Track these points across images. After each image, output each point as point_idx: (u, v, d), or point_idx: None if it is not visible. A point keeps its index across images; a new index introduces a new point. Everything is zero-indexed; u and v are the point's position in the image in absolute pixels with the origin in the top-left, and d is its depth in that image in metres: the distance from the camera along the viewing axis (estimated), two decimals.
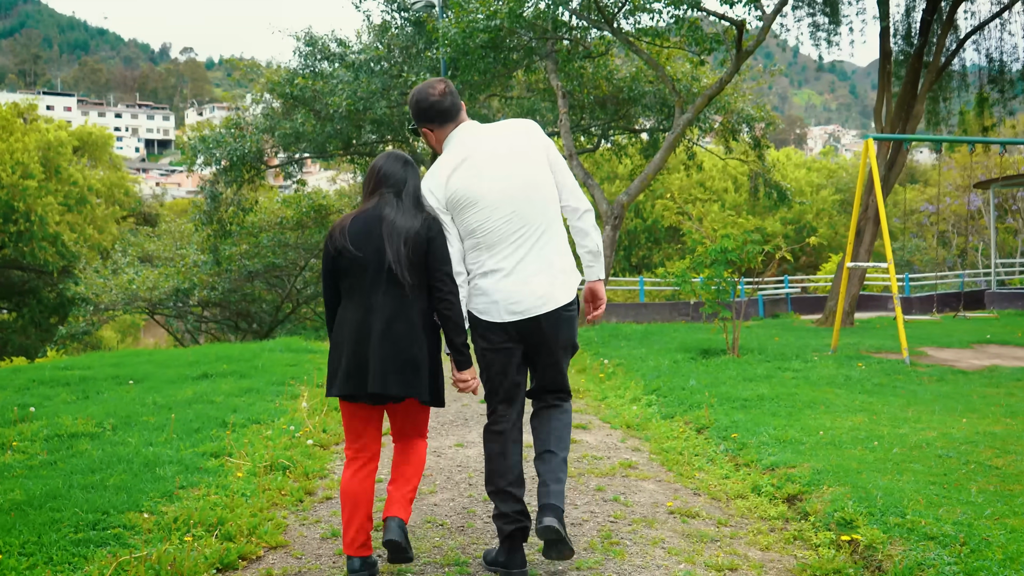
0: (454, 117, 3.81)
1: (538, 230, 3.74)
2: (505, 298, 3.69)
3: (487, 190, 3.67)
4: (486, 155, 3.73)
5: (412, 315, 3.65)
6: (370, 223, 3.67)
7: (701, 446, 6.37)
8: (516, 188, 3.70)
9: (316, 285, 25.12)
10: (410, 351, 3.61)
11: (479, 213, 3.68)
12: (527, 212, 3.71)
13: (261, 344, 12.35)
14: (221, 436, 6.46)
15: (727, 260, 10.68)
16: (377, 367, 3.57)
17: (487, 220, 3.68)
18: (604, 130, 22.13)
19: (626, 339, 12.73)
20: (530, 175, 3.75)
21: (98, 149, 32.85)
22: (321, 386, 8.98)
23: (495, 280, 3.70)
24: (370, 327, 3.61)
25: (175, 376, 9.61)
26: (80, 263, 24.88)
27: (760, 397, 7.88)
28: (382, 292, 3.63)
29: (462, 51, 15.55)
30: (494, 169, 3.71)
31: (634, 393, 8.73)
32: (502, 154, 3.75)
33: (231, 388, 8.62)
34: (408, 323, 3.63)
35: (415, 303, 3.67)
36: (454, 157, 3.74)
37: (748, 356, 10.55)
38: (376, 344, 3.59)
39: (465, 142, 3.77)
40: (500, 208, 3.67)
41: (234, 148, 17.82)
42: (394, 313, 3.63)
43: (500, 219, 3.68)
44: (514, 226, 3.69)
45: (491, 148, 3.75)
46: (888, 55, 15.07)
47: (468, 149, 3.74)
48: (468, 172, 3.69)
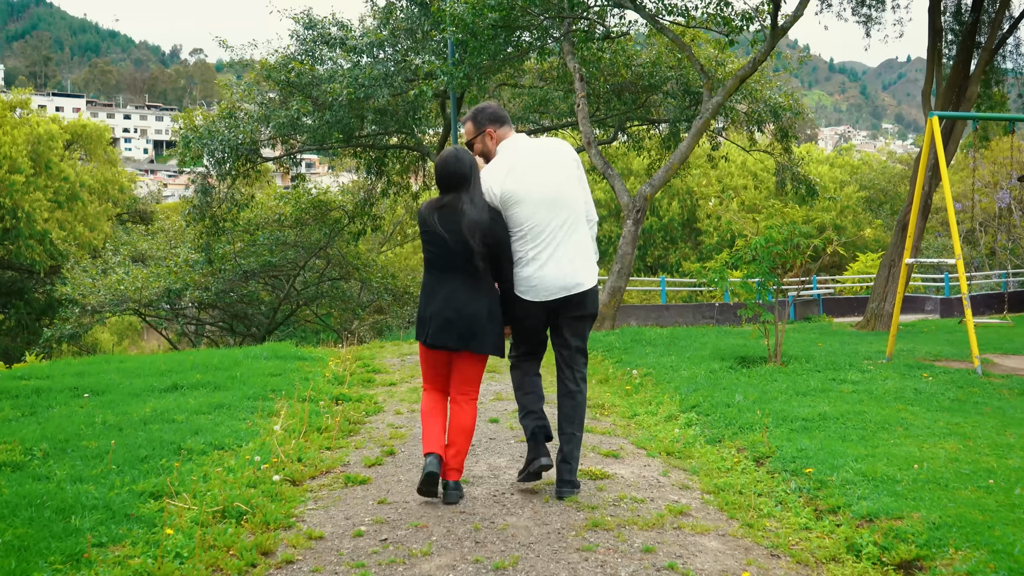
0: (510, 123, 4.78)
1: (570, 227, 4.60)
2: (541, 283, 4.56)
3: (531, 192, 4.52)
4: (529, 163, 4.58)
5: (483, 288, 4.60)
6: (452, 215, 4.53)
7: (765, 483, 5.11)
8: (552, 191, 4.56)
9: (317, 286, 23.91)
10: (480, 317, 4.56)
11: (525, 209, 4.52)
12: (561, 212, 4.57)
13: (246, 350, 11.13)
14: (170, 468, 5.25)
15: (772, 255, 9.41)
16: (457, 329, 4.55)
17: (532, 216, 4.52)
18: (620, 121, 20.85)
19: (651, 344, 11.45)
20: (562, 182, 4.62)
21: (93, 143, 31.56)
22: (305, 400, 7.77)
23: (534, 269, 4.57)
24: (454, 296, 4.56)
25: (141, 388, 8.40)
26: (69, 262, 23.69)
27: (822, 416, 6.62)
28: (460, 270, 4.55)
29: (471, 32, 14.33)
30: (536, 175, 4.56)
31: (669, 410, 7.47)
32: (542, 163, 4.61)
33: (199, 403, 7.40)
34: (479, 295, 4.58)
35: (485, 278, 4.60)
36: (506, 161, 4.59)
37: (794, 365, 9.28)
38: (456, 310, 4.54)
39: (515, 149, 4.64)
40: (540, 206, 4.52)
41: (227, 139, 16.60)
42: (470, 287, 4.57)
43: (541, 216, 4.52)
44: (552, 222, 4.54)
45: (533, 158, 4.61)
46: (939, 33, 13.75)
47: (516, 156, 4.60)
48: (517, 175, 4.53)
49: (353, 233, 22.03)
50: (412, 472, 5.37)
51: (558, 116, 21.01)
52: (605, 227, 32.12)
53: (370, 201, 21.61)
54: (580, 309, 4.66)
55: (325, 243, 22.19)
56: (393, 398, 8.26)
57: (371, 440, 6.32)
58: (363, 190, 22.13)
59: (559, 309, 4.63)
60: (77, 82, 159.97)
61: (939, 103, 13.68)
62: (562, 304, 4.60)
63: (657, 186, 14.01)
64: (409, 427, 6.79)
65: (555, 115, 21.06)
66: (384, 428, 6.76)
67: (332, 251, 22.96)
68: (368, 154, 20.78)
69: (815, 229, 8.75)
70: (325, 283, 23.83)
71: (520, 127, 21.37)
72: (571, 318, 4.69)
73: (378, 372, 10.14)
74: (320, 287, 23.77)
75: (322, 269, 23.75)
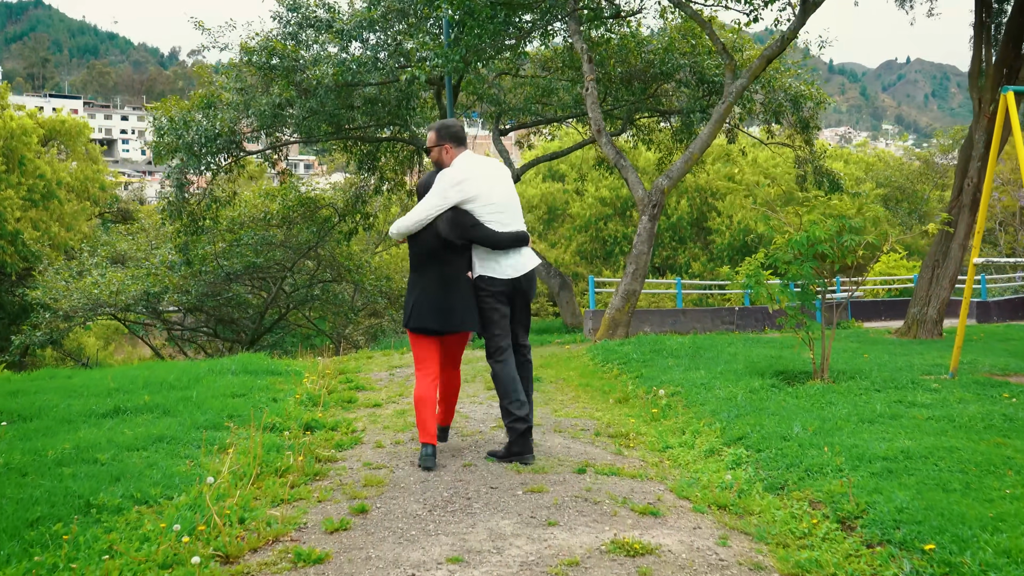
0: (465, 143, 5.74)
1: (519, 222, 5.70)
2: (509, 264, 5.57)
3: (487, 192, 5.54)
4: (484, 172, 5.60)
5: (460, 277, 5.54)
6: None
7: (866, 560, 3.78)
8: (501, 195, 5.62)
9: (308, 288, 22.56)
10: (469, 299, 5.51)
11: (483, 207, 5.51)
12: (513, 211, 5.67)
13: (212, 363, 9.78)
14: (59, 539, 3.92)
15: (816, 255, 8.08)
16: (451, 311, 5.47)
17: (491, 212, 5.52)
18: (629, 113, 19.49)
19: (673, 356, 10.11)
20: (509, 188, 5.73)
21: (71, 139, 30.02)
22: (269, 429, 6.45)
23: (498, 254, 5.56)
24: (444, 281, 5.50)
25: (78, 411, 7.09)
26: (42, 264, 22.28)
27: (906, 455, 5.29)
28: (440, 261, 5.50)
29: (468, 10, 13.00)
30: (492, 180, 5.62)
31: (709, 441, 6.14)
32: (490, 174, 5.64)
33: (136, 434, 6.07)
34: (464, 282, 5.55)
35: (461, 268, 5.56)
36: (464, 169, 5.53)
37: (846, 383, 7.95)
38: (447, 294, 5.47)
39: (470, 160, 5.61)
40: (497, 203, 5.56)
41: (204, 129, 15.23)
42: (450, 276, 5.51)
43: (496, 211, 5.55)
44: (506, 216, 5.59)
45: (485, 168, 5.64)
46: (987, 5, 12.41)
47: (475, 162, 5.61)
48: (476, 180, 5.52)
49: (344, 232, 20.67)
50: (387, 543, 4.03)
51: (562, 108, 19.66)
52: (611, 226, 30.75)
53: (362, 198, 20.25)
54: (530, 287, 5.72)
55: (315, 243, 20.85)
56: (376, 424, 6.93)
57: (340, 489, 4.99)
58: (355, 187, 20.76)
59: (517, 287, 5.61)
60: (75, 84, 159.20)
61: (989, 84, 12.32)
62: (521, 282, 5.61)
63: (675, 178, 12.65)
64: (391, 467, 5.46)
65: (559, 107, 19.71)
66: (359, 470, 5.42)
67: (323, 252, 21.63)
68: (359, 148, 19.40)
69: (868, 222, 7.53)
70: (316, 286, 22.49)
71: (522, 118, 20.05)
72: (522, 297, 5.70)
73: (362, 389, 8.81)
74: (311, 290, 22.41)
75: (313, 271, 22.42)
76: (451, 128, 5.66)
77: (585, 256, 31.44)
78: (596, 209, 31.05)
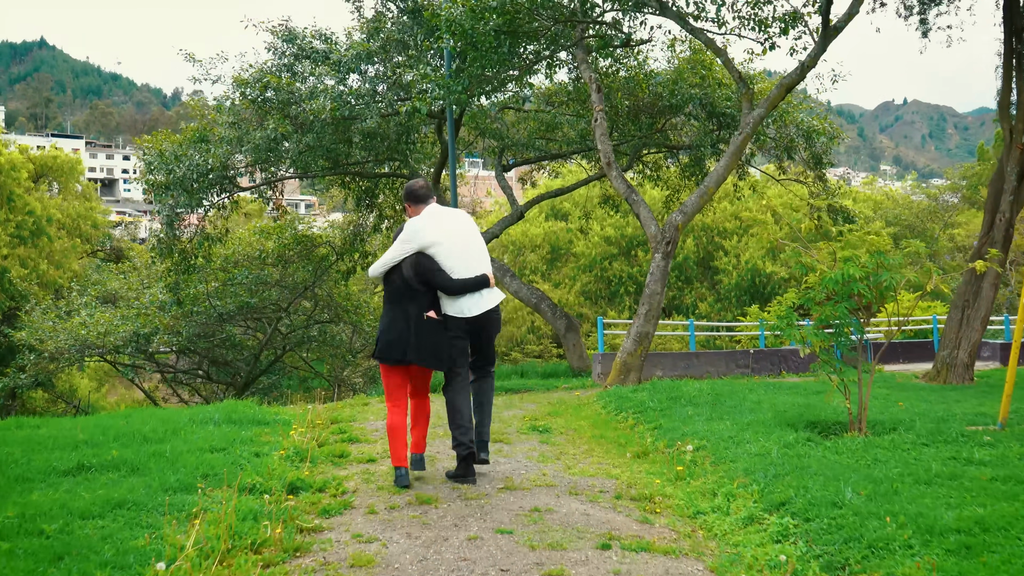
0: (427, 201, 6.38)
1: (479, 265, 6.25)
2: (468, 305, 6.13)
3: (446, 238, 6.17)
4: (445, 218, 6.30)
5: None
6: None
7: None
8: (461, 240, 6.23)
9: (305, 329, 21.83)
10: (431, 336, 6.07)
11: (443, 251, 6.15)
12: (473, 254, 6.26)
13: (194, 412, 9.03)
14: None
15: (851, 294, 7.39)
16: (415, 346, 6.03)
17: (449, 256, 6.16)
18: (636, 148, 18.89)
19: (692, 404, 9.37)
20: (471, 234, 6.35)
21: (64, 176, 29.37)
22: (248, 490, 5.71)
23: (458, 297, 6.17)
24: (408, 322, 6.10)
25: (38, 468, 6.36)
26: (29, 303, 21.55)
27: (981, 525, 4.57)
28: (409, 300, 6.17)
29: (470, 40, 12.43)
30: (450, 229, 6.24)
31: (747, 507, 5.39)
32: (451, 221, 6.32)
33: (95, 497, 5.35)
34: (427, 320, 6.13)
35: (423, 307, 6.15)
36: (423, 219, 6.23)
37: (889, 435, 7.22)
38: (410, 329, 6.05)
39: (431, 212, 6.29)
40: (455, 248, 6.18)
41: (196, 164, 14.60)
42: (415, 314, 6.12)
43: (457, 255, 6.18)
44: (464, 259, 6.19)
45: (446, 215, 6.34)
46: (1018, 33, 11.82)
47: (434, 214, 6.28)
48: (436, 226, 6.19)
49: (342, 272, 19.99)
50: None
51: (567, 143, 19.07)
52: (616, 266, 30.09)
53: (361, 236, 19.58)
54: (491, 326, 6.29)
55: (311, 283, 20.15)
56: (369, 484, 6.19)
57: (323, 570, 4.25)
58: (353, 224, 20.11)
59: (476, 325, 6.21)
60: (78, 124, 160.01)
61: (1020, 114, 11.68)
62: (481, 321, 6.19)
63: (690, 214, 11.99)
64: (384, 540, 4.73)
65: (563, 142, 19.12)
66: (347, 543, 4.68)
67: (320, 291, 20.93)
68: (357, 184, 18.78)
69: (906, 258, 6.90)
70: (313, 327, 21.76)
71: (526, 154, 19.48)
72: (484, 334, 6.31)
73: (355, 441, 8.06)
74: (307, 331, 21.67)
75: (310, 311, 21.70)
76: (409, 189, 6.45)
77: (589, 296, 30.74)
78: (601, 248, 30.41)
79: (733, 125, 15.87)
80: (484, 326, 6.21)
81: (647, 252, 29.56)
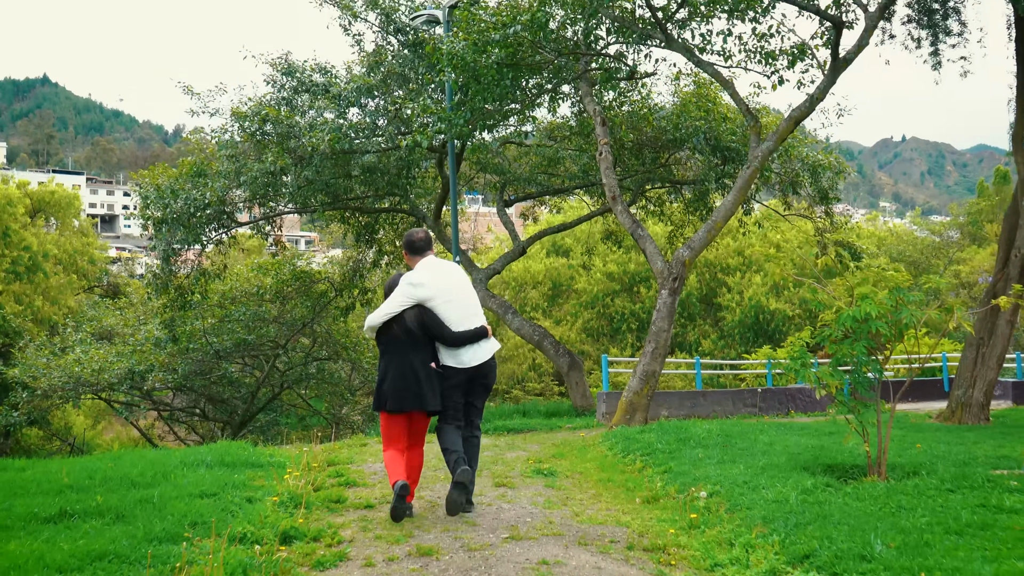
0: (425, 252, 6.60)
1: (475, 318, 6.47)
2: (467, 356, 6.34)
3: (445, 293, 6.38)
4: (442, 272, 6.49)
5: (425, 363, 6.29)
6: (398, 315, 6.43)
7: None
8: (458, 292, 6.46)
9: (303, 367, 21.51)
10: (427, 382, 6.23)
11: (442, 305, 6.36)
12: (470, 308, 6.47)
13: (186, 454, 8.71)
14: None
15: (869, 331, 7.11)
16: (415, 395, 6.18)
17: (448, 310, 6.37)
18: (639, 184, 18.69)
19: (702, 446, 9.05)
20: (466, 287, 6.55)
21: (61, 211, 29.21)
22: (238, 540, 5.40)
23: (457, 348, 6.37)
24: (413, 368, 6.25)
25: (18, 514, 6.06)
26: (23, 340, 21.26)
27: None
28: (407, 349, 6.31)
29: (472, 73, 12.28)
30: (448, 282, 6.45)
31: (768, 559, 5.07)
32: (448, 275, 6.51)
33: (75, 548, 5.04)
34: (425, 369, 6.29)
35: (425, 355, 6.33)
36: (422, 272, 6.42)
37: (908, 479, 6.90)
38: (407, 378, 6.20)
39: (429, 265, 6.50)
40: (453, 302, 6.39)
41: (193, 198, 14.39)
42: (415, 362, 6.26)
43: (455, 308, 6.39)
44: (461, 313, 6.41)
45: (443, 270, 6.52)
46: None
47: (433, 268, 6.48)
48: (436, 280, 6.39)
49: (341, 308, 19.70)
50: None
51: (569, 178, 18.87)
52: (618, 302, 29.81)
53: (360, 272, 19.33)
54: (485, 376, 6.48)
55: (310, 319, 19.86)
56: (367, 532, 5.87)
57: None
58: (352, 260, 19.86)
59: (471, 376, 6.39)
60: (79, 160, 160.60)
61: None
62: (475, 372, 6.38)
63: (697, 250, 11.75)
64: None
65: (565, 177, 18.92)
66: None
67: (318, 328, 20.63)
68: (357, 219, 18.56)
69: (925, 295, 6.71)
70: (311, 364, 21.43)
71: (527, 189, 19.28)
72: (479, 382, 6.49)
73: (353, 485, 7.74)
74: (306, 368, 21.35)
75: (308, 348, 21.38)
76: (409, 239, 6.65)
77: (591, 333, 30.39)
78: (603, 285, 30.14)
79: (738, 159, 15.69)
80: (483, 374, 6.41)
81: (650, 288, 29.26)
